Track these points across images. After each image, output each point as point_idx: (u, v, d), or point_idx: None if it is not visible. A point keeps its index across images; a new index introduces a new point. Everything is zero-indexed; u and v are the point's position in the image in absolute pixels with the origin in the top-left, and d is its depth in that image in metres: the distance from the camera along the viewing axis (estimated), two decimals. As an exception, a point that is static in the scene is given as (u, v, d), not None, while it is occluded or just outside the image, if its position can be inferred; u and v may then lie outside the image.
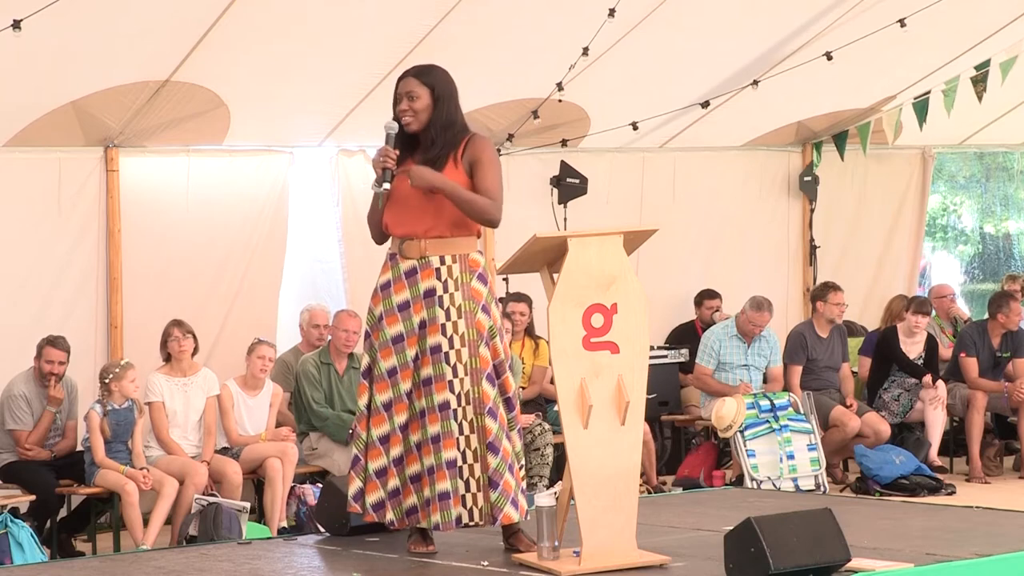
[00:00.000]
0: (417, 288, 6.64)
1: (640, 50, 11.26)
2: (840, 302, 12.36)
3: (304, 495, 10.30)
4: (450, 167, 6.62)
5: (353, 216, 11.71)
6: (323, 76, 10.64)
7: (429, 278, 6.63)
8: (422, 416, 6.61)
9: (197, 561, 6.90)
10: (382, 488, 6.69)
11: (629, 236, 6.37)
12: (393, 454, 6.66)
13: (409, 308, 6.65)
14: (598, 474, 6.23)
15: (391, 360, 6.66)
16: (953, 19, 11.71)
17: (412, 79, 6.68)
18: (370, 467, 6.69)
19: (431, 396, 6.57)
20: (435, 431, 6.56)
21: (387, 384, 6.66)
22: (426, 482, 6.59)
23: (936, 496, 11.41)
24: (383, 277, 6.75)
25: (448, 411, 6.54)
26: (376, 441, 6.67)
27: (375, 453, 6.68)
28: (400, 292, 6.68)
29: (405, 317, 6.65)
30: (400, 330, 6.65)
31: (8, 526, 9.13)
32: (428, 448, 6.58)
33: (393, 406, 6.65)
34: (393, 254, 6.73)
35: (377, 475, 6.68)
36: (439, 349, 6.57)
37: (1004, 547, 6.58)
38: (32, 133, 10.17)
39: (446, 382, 6.55)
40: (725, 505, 8.19)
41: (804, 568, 5.90)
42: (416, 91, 6.65)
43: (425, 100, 6.65)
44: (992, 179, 19.16)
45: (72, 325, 10.42)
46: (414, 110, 6.65)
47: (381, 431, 6.67)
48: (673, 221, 12.50)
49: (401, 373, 6.63)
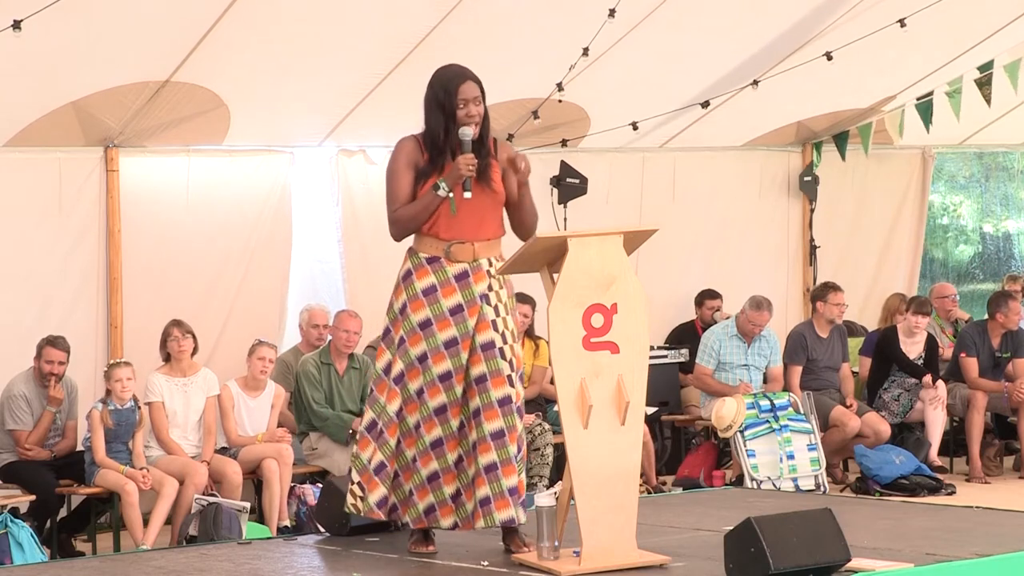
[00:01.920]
0: (471, 291, 6.59)
1: (640, 50, 11.26)
2: (840, 302, 12.35)
3: (304, 495, 10.30)
4: (495, 172, 6.65)
5: (353, 216, 11.72)
6: (323, 76, 10.64)
7: (482, 281, 6.60)
8: (476, 415, 6.55)
9: (197, 561, 6.90)
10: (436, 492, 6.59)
11: (629, 236, 6.37)
12: (452, 457, 6.58)
13: (463, 311, 6.57)
14: (598, 474, 6.23)
15: (444, 365, 6.54)
16: (953, 19, 11.71)
17: (473, 83, 6.61)
18: (423, 472, 6.60)
19: (488, 392, 6.51)
20: (496, 426, 6.50)
21: (440, 389, 6.55)
22: (482, 480, 6.52)
23: (936, 496, 11.41)
24: (423, 282, 6.63)
25: (509, 405, 6.52)
26: (429, 447, 6.58)
27: (426, 459, 6.59)
28: (450, 296, 6.59)
29: (459, 321, 6.57)
30: (454, 334, 6.56)
31: (8, 526, 9.13)
32: (487, 445, 6.51)
33: (448, 410, 6.56)
34: (435, 257, 6.62)
35: (429, 480, 6.60)
36: (492, 345, 6.54)
37: (1004, 547, 6.58)
38: (32, 133, 10.17)
39: (504, 377, 6.52)
40: (725, 505, 8.19)
41: (804, 568, 5.90)
42: (479, 96, 6.60)
43: (483, 105, 6.62)
44: (992, 179, 19.14)
45: (72, 325, 10.42)
46: (480, 115, 6.61)
47: (434, 436, 6.58)
48: (673, 221, 12.50)
49: (456, 377, 6.55)
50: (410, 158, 6.70)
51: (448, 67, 6.72)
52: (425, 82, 11.15)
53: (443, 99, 6.60)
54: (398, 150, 6.75)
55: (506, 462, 6.50)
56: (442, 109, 6.61)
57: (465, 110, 6.56)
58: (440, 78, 6.67)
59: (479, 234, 6.62)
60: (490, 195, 6.62)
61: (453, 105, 6.58)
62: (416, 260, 6.69)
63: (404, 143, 6.76)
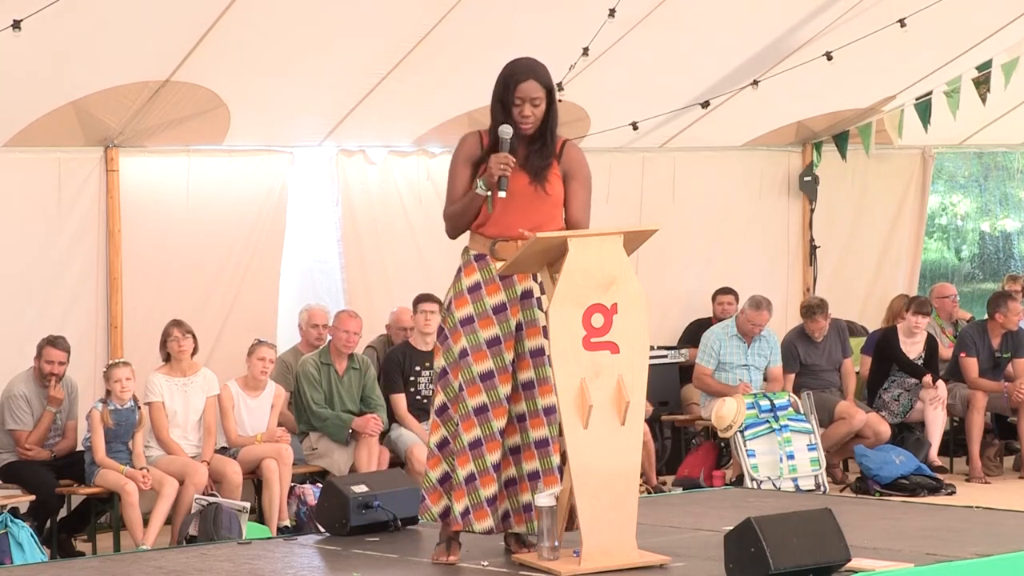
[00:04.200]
0: (514, 290, 6.47)
1: (640, 50, 11.26)
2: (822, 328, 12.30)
3: (304, 495, 10.30)
4: (554, 174, 6.49)
5: (352, 216, 11.72)
6: (323, 76, 10.63)
7: (526, 279, 6.48)
8: (521, 420, 6.48)
9: (197, 561, 6.90)
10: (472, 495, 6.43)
11: (629, 236, 6.36)
12: (491, 459, 6.43)
13: (506, 310, 6.46)
14: (598, 474, 6.22)
15: (486, 363, 6.42)
16: (953, 19, 11.71)
17: (535, 83, 6.41)
18: (460, 473, 6.43)
19: (535, 400, 6.44)
20: (541, 435, 6.44)
21: (480, 388, 6.43)
22: (526, 487, 6.47)
23: (936, 496, 11.41)
24: (469, 279, 6.50)
25: (554, 415, 6.41)
26: (467, 446, 6.43)
27: (463, 459, 6.43)
28: (494, 294, 6.47)
29: (502, 320, 6.46)
30: (496, 332, 6.44)
31: (8, 526, 9.13)
32: (532, 453, 6.46)
33: (490, 410, 6.42)
34: (482, 255, 6.49)
35: (467, 481, 6.43)
36: (542, 352, 6.43)
37: (1004, 547, 6.58)
38: (32, 133, 10.17)
39: (551, 385, 6.38)
40: (725, 505, 8.19)
41: (804, 568, 5.90)
42: (539, 96, 6.42)
43: (543, 104, 6.45)
44: (991, 178, 19.14)
45: (72, 325, 10.42)
46: (536, 117, 6.44)
47: (472, 436, 6.43)
48: (673, 221, 12.50)
49: (499, 377, 6.43)
50: (468, 153, 6.54)
51: (517, 61, 6.51)
52: (425, 82, 11.20)
53: (503, 94, 6.45)
54: (458, 146, 6.61)
55: (548, 472, 6.46)
56: (501, 104, 6.45)
57: (519, 109, 6.41)
58: (505, 71, 6.48)
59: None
60: (542, 197, 6.45)
61: (510, 102, 6.43)
62: (466, 257, 6.57)
63: (465, 138, 6.60)
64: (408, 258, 11.97)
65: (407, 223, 11.91)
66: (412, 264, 11.96)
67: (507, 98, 6.42)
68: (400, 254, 11.95)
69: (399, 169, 11.89)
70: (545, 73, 6.48)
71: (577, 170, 6.57)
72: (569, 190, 6.54)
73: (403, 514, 7.46)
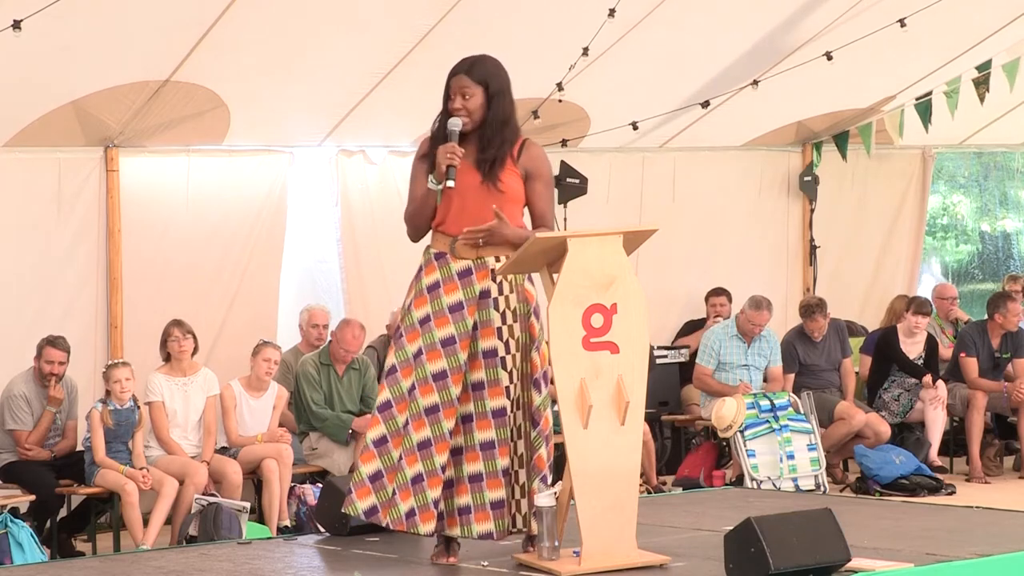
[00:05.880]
0: (472, 289, 6.43)
1: (640, 50, 11.26)
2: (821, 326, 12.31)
3: (304, 495, 10.30)
4: (508, 169, 6.43)
5: (352, 216, 11.72)
6: (323, 76, 10.64)
7: (484, 279, 6.42)
8: (467, 421, 6.40)
9: (197, 561, 6.90)
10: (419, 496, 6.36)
11: (629, 236, 6.36)
12: (440, 460, 6.36)
13: (463, 309, 6.42)
14: (598, 474, 6.22)
15: (439, 363, 6.38)
16: (953, 19, 11.72)
17: (463, 76, 6.42)
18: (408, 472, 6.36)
19: (483, 401, 6.38)
20: (487, 437, 6.36)
21: (433, 388, 6.38)
22: (464, 489, 6.39)
23: (936, 496, 11.41)
24: (429, 278, 6.51)
25: (504, 417, 6.36)
26: (415, 446, 6.37)
27: (412, 459, 6.37)
28: (452, 293, 6.45)
29: (458, 319, 6.41)
30: (452, 332, 6.40)
31: (8, 526, 9.13)
32: (475, 454, 6.38)
33: (441, 410, 6.37)
34: (442, 253, 6.50)
35: (414, 481, 6.37)
36: (495, 353, 6.38)
37: (1004, 547, 6.57)
38: (32, 133, 10.17)
39: (502, 388, 6.35)
40: (725, 505, 8.19)
41: (804, 568, 5.90)
42: (469, 89, 6.41)
43: (479, 98, 6.42)
44: (990, 178, 19.13)
45: (72, 325, 10.43)
46: (468, 109, 6.40)
47: (421, 436, 6.37)
48: (673, 221, 12.50)
49: (452, 377, 6.38)
50: (422, 153, 6.55)
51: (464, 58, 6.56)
52: (425, 82, 11.17)
53: (445, 91, 6.49)
54: (418, 149, 6.62)
55: (492, 475, 6.37)
56: (444, 101, 6.50)
57: (452, 101, 6.43)
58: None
59: None
60: (495, 193, 6.40)
61: (446, 96, 6.47)
62: (427, 256, 6.59)
63: (424, 141, 6.60)
64: (408, 258, 11.81)
65: (407, 223, 11.91)
66: (412, 264, 11.87)
67: (445, 93, 6.47)
68: (400, 254, 11.87)
69: (399, 169, 11.87)
70: (484, 68, 6.47)
71: (539, 169, 6.52)
72: (532, 191, 6.50)
73: (403, 514, 7.45)
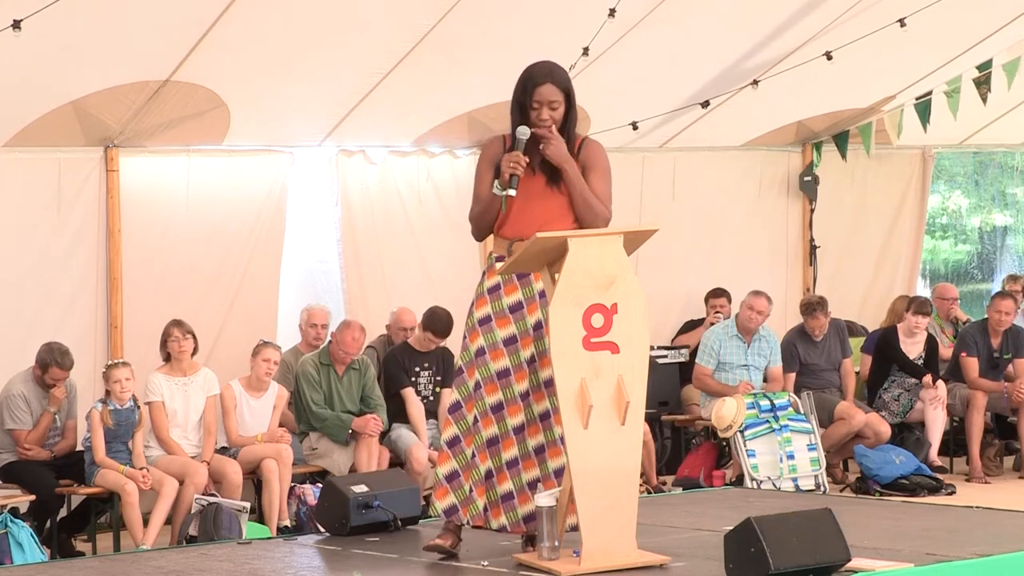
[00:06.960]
0: (531, 289, 6.50)
1: (640, 50, 11.26)
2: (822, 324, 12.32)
3: (304, 495, 10.30)
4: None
5: (352, 216, 11.72)
6: (323, 76, 10.63)
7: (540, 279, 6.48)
8: (544, 419, 6.48)
9: (197, 561, 6.90)
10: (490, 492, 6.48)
11: (629, 236, 6.37)
12: (506, 457, 6.47)
13: (523, 309, 6.50)
14: (598, 474, 6.22)
15: (503, 361, 6.47)
16: (953, 19, 11.72)
17: (552, 86, 6.45)
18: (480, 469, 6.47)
19: (555, 398, 6.38)
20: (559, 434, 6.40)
21: (497, 386, 6.47)
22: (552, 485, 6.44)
23: (936, 496, 11.41)
24: (491, 280, 6.54)
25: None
26: (485, 444, 6.48)
27: (483, 456, 6.48)
28: (512, 293, 6.52)
29: (518, 318, 6.49)
30: (513, 331, 6.48)
31: (8, 526, 9.13)
32: (557, 450, 6.44)
33: (505, 408, 6.47)
34: (502, 256, 6.52)
35: (486, 478, 6.48)
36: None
37: (1004, 547, 6.57)
38: (32, 133, 10.17)
39: None
40: (725, 505, 8.19)
41: (804, 568, 5.90)
42: (557, 100, 6.45)
43: (563, 108, 6.48)
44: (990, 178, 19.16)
45: (72, 325, 10.43)
46: (555, 119, 6.46)
47: (490, 433, 6.48)
48: (673, 221, 12.50)
49: (515, 374, 6.47)
50: (491, 156, 6.58)
51: (536, 64, 6.57)
52: (425, 82, 11.19)
53: (521, 97, 6.50)
54: (483, 149, 6.68)
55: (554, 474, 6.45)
56: (520, 108, 6.50)
57: (537, 112, 6.45)
58: (524, 74, 6.53)
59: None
60: (558, 196, 6.49)
61: (528, 105, 6.48)
62: (490, 259, 6.64)
63: (490, 142, 6.67)
64: (408, 258, 11.97)
65: (407, 223, 11.92)
66: (412, 264, 11.97)
67: (525, 101, 6.48)
68: (400, 254, 11.95)
69: (399, 169, 11.89)
70: (564, 76, 6.53)
71: (595, 162, 6.59)
72: (590, 179, 6.56)
73: (403, 514, 7.47)
